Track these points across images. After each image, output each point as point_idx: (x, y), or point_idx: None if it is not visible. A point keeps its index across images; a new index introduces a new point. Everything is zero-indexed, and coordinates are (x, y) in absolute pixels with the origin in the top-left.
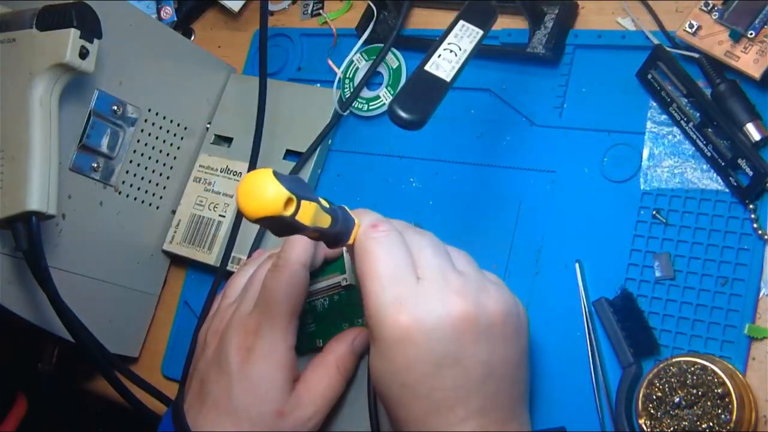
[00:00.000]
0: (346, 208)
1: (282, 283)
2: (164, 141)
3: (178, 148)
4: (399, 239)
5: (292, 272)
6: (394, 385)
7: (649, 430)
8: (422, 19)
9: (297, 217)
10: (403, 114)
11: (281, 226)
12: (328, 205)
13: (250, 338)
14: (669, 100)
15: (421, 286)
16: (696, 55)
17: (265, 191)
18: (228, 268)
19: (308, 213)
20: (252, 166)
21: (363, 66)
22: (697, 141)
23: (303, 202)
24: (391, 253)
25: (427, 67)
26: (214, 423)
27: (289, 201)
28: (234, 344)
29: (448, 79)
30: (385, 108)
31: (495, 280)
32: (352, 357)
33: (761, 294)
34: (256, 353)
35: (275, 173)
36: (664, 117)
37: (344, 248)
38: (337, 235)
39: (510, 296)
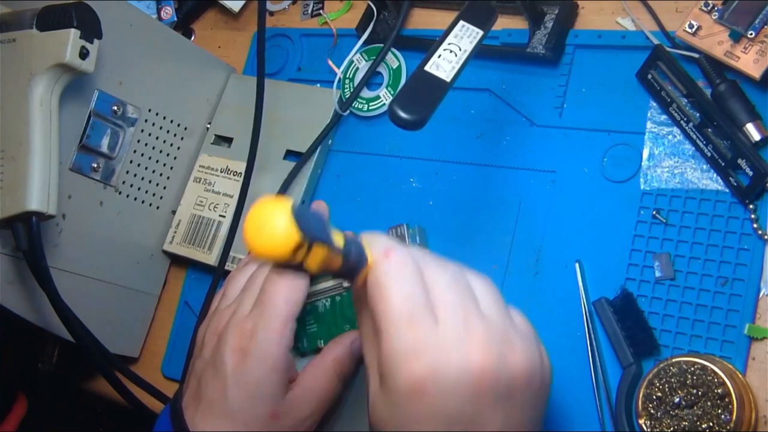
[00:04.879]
0: (363, 240)
1: (281, 286)
2: (164, 141)
3: (178, 148)
4: (414, 271)
5: (292, 275)
6: None
7: (649, 430)
8: (422, 19)
9: (305, 263)
10: (403, 114)
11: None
12: (342, 243)
13: (245, 340)
14: (669, 100)
15: (439, 330)
16: (696, 55)
17: (276, 230)
18: (227, 267)
19: (317, 258)
20: (250, 166)
21: (363, 66)
22: (697, 141)
23: (314, 246)
24: (406, 288)
25: (427, 68)
26: (211, 424)
27: (299, 246)
28: (230, 346)
29: (448, 80)
30: (385, 108)
31: (521, 325)
32: (351, 359)
33: (761, 294)
34: (252, 356)
35: (293, 209)
36: (664, 117)
37: None
38: (345, 273)
39: (536, 350)
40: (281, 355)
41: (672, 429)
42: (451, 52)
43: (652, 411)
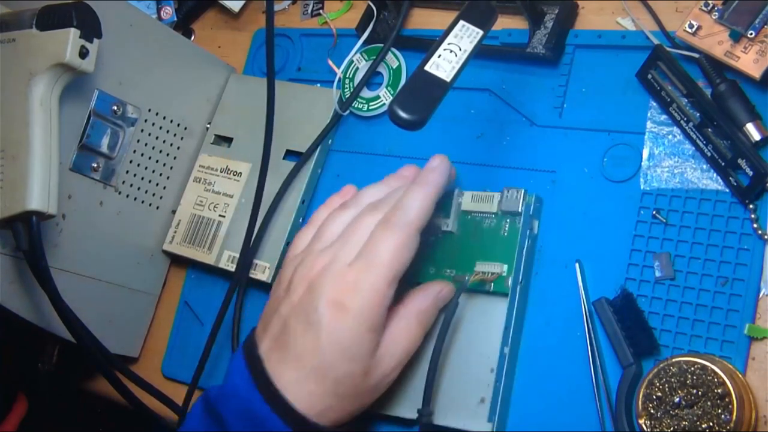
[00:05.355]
0: None
1: (393, 243)
2: (164, 141)
3: (178, 148)
4: None
5: (407, 236)
6: None
7: (649, 430)
8: (422, 19)
9: None
10: (403, 114)
11: None
12: None
13: (345, 294)
14: (669, 100)
15: None
16: (696, 55)
17: None
18: (222, 266)
19: None
20: (264, 168)
21: (363, 66)
22: (697, 141)
23: None
24: None
25: (427, 67)
26: (297, 377)
27: None
28: (327, 296)
29: (448, 79)
30: (385, 108)
31: None
32: (434, 311)
33: (761, 294)
34: (351, 313)
35: None
36: (664, 117)
37: (455, 193)
38: None
39: None
40: (381, 316)
41: (672, 429)
42: (451, 52)
43: (652, 411)
